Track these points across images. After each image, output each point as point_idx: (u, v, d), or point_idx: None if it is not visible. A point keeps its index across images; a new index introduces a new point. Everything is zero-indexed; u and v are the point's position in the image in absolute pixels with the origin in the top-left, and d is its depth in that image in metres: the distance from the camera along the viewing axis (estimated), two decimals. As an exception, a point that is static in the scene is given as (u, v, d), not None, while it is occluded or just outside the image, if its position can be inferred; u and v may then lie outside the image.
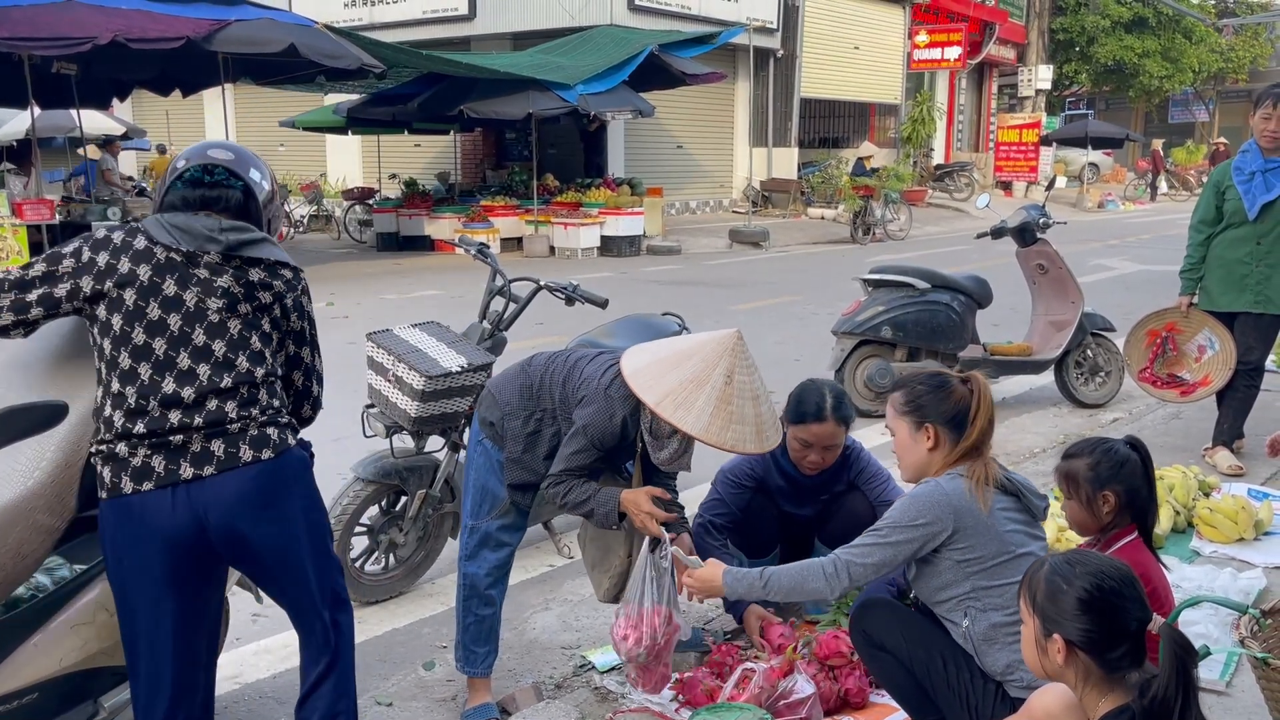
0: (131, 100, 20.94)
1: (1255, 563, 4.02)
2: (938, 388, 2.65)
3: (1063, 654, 2.00)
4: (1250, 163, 5.02)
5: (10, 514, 2.22)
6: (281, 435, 2.34)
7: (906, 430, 2.67)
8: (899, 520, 2.54)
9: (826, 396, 3.23)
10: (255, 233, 2.39)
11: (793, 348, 8.66)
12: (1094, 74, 34.27)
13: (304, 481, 2.41)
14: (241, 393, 2.29)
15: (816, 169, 23.28)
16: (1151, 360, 5.61)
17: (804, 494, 3.38)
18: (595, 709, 3.04)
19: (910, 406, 2.67)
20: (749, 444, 2.73)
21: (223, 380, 2.27)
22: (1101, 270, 13.72)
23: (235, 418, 2.27)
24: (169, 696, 2.30)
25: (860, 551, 2.56)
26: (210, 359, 2.27)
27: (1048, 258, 6.79)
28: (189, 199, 2.37)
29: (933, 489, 2.56)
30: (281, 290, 2.39)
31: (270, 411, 2.34)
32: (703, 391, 2.68)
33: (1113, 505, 2.73)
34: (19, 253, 10.97)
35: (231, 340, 2.30)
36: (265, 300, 2.36)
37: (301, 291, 2.46)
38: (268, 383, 2.35)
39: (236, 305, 2.31)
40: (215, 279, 2.30)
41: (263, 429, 2.31)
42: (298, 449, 2.41)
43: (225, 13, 11.46)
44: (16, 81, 11.77)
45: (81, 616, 2.32)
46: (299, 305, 2.44)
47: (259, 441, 2.29)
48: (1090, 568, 2.02)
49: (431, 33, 19.86)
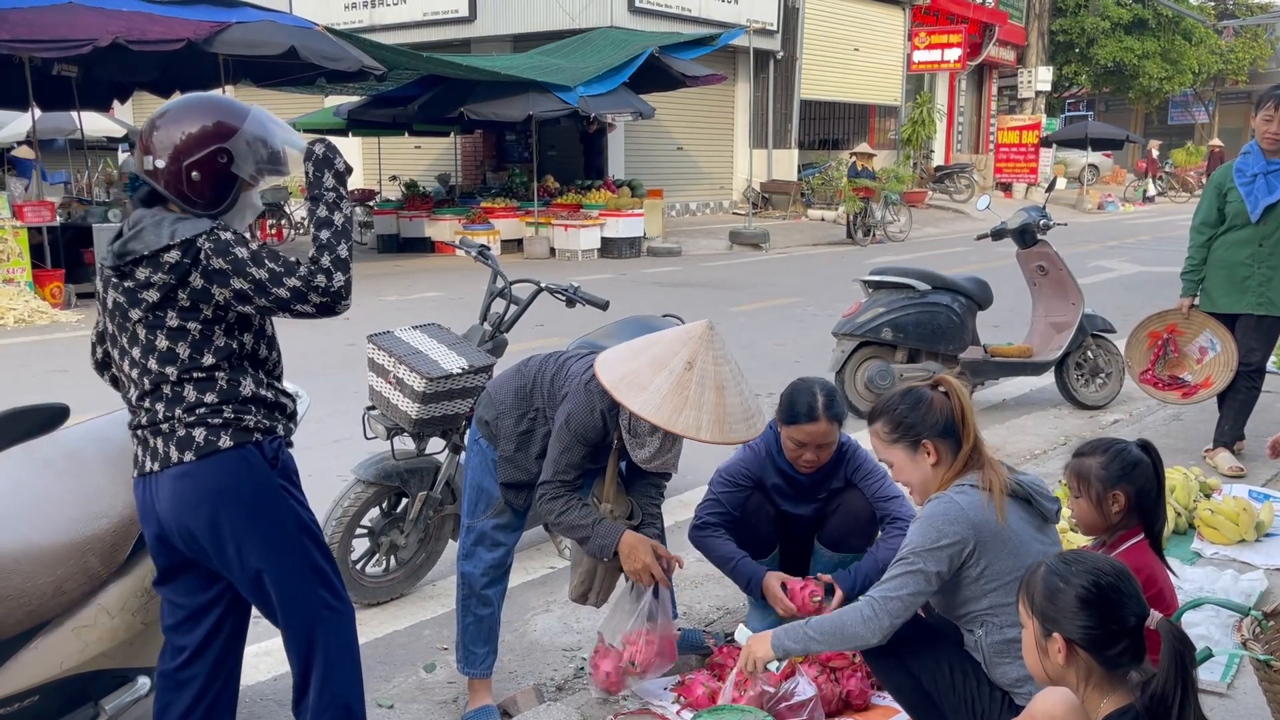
0: (132, 102, 20.95)
1: (1256, 564, 4.02)
2: (917, 403, 2.58)
3: (1063, 653, 2.00)
4: (1252, 165, 5.02)
5: (66, 550, 2.30)
6: (210, 436, 2.28)
7: (903, 455, 2.59)
8: (921, 545, 2.44)
9: (818, 395, 3.23)
10: (144, 224, 2.29)
11: (792, 349, 8.66)
12: (1094, 75, 34.29)
13: (242, 483, 2.32)
14: (164, 392, 2.30)
15: (816, 170, 23.28)
16: (1153, 362, 5.61)
17: (802, 492, 3.38)
18: (596, 711, 3.04)
19: (899, 431, 2.58)
20: (703, 432, 2.68)
21: (144, 383, 2.32)
22: (1101, 272, 13.72)
23: (163, 418, 2.30)
24: (160, 687, 2.40)
25: (892, 586, 2.45)
26: (133, 364, 2.34)
27: (1048, 259, 6.79)
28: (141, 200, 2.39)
29: (947, 505, 2.46)
30: (169, 281, 2.24)
31: (200, 410, 2.29)
32: (660, 375, 2.68)
33: (1122, 505, 2.72)
34: (19, 255, 10.96)
35: (141, 344, 2.31)
36: (152, 299, 2.26)
37: (207, 258, 2.24)
38: (193, 379, 2.30)
39: (128, 311, 2.30)
40: (116, 290, 2.33)
41: (189, 429, 2.29)
42: (239, 449, 2.31)
43: (226, 15, 11.47)
44: (17, 84, 11.77)
45: (84, 619, 2.32)
46: (213, 274, 2.25)
47: (183, 443, 2.29)
48: (1086, 565, 2.03)
49: (432, 35, 19.87)
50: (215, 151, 2.29)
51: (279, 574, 2.37)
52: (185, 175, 2.29)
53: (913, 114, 25.53)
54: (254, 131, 2.33)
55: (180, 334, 2.29)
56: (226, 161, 2.31)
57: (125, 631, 2.39)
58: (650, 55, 15.61)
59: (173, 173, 2.29)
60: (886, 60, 25.82)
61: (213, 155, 2.29)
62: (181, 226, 2.26)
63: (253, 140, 2.33)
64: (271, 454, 2.37)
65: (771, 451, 3.35)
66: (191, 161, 2.28)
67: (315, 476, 5.23)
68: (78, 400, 3.14)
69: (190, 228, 2.26)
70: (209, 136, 2.29)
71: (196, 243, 2.25)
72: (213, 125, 2.30)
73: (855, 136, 25.45)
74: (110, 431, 2.67)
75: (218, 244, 2.25)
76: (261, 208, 2.74)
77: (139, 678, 2.50)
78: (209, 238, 2.25)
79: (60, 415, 2.77)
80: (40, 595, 2.24)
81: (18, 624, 2.21)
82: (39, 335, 9.79)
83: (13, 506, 2.37)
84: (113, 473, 2.50)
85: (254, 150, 2.34)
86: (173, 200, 2.32)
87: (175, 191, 2.31)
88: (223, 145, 2.30)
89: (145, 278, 2.26)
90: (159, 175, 2.31)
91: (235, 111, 2.35)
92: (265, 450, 2.36)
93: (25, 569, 2.23)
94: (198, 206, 2.32)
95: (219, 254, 2.25)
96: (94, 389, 2.87)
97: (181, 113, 2.34)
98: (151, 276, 2.26)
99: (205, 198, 2.32)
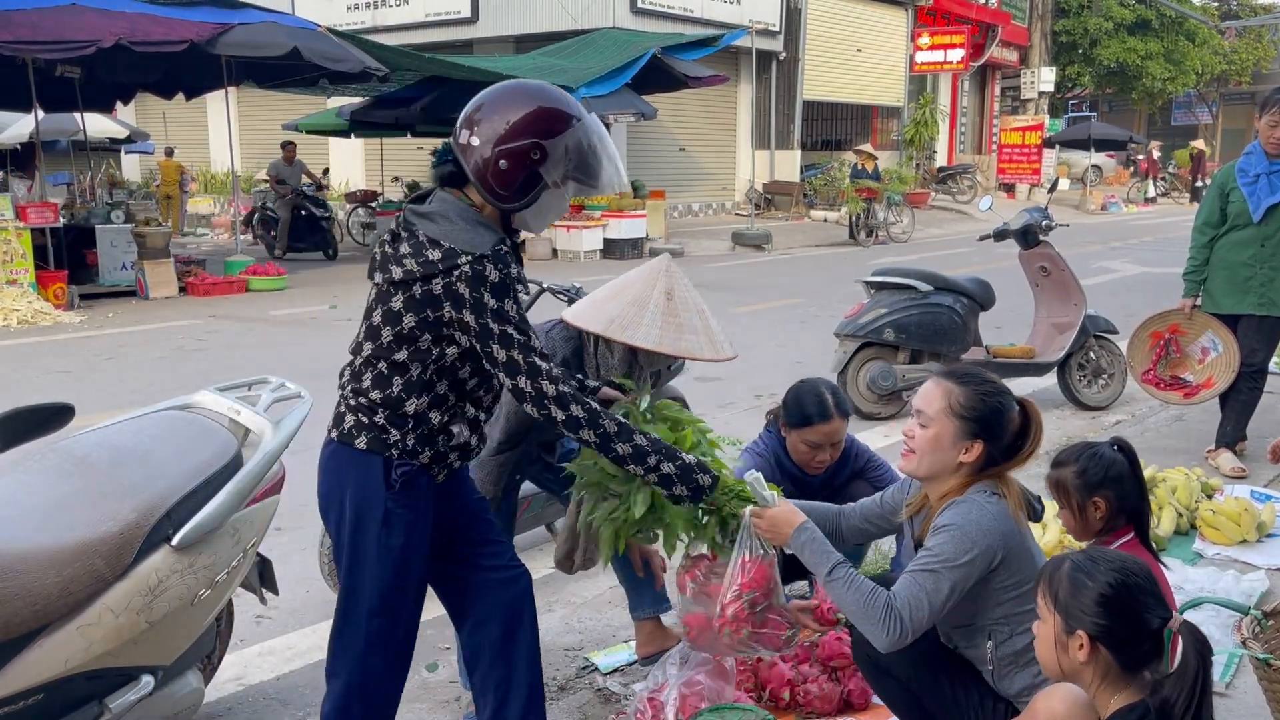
0: (135, 104, 20.99)
1: (1258, 565, 4.03)
2: (1001, 410, 2.44)
3: (1085, 652, 1.97)
4: (1255, 165, 5.02)
5: (73, 552, 2.31)
6: (354, 428, 2.33)
7: (951, 432, 2.41)
8: (953, 556, 2.30)
9: (825, 395, 3.24)
10: (441, 210, 2.27)
11: (794, 350, 8.67)
12: (1097, 76, 34.25)
13: (352, 486, 2.33)
14: (354, 361, 2.37)
15: (819, 171, 23.28)
16: (1155, 362, 5.61)
17: (809, 493, 3.38)
18: (598, 711, 3.05)
19: (969, 414, 2.41)
20: (705, 351, 2.78)
21: (356, 339, 2.38)
22: (1104, 273, 13.72)
23: (341, 384, 2.40)
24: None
25: (917, 594, 2.29)
26: (366, 314, 2.39)
27: (1050, 260, 6.79)
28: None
29: (979, 514, 2.35)
30: (415, 271, 2.25)
31: (361, 400, 2.34)
32: (646, 310, 2.76)
33: (1104, 511, 2.73)
34: (23, 255, 10.98)
35: (370, 302, 2.37)
36: (396, 275, 2.27)
37: (459, 278, 2.21)
38: (376, 369, 2.31)
39: (376, 271, 2.35)
40: (391, 245, 2.34)
41: (347, 411, 2.36)
42: (366, 454, 2.29)
43: (228, 16, 11.48)
44: (20, 85, 11.79)
45: (88, 618, 2.33)
46: (454, 294, 2.22)
47: (338, 419, 2.37)
48: (1114, 564, 2.00)
49: (434, 36, 19.89)
50: (531, 146, 2.21)
51: (344, 585, 2.40)
52: (494, 161, 2.22)
53: (915, 115, 25.54)
54: (577, 140, 2.25)
55: (395, 319, 2.25)
56: (539, 158, 2.22)
57: (129, 630, 2.40)
58: (653, 56, 15.61)
59: (484, 155, 2.22)
60: (889, 61, 25.80)
61: (527, 149, 2.21)
62: (462, 233, 2.21)
63: (573, 148, 2.25)
64: (398, 477, 2.29)
65: (779, 456, 3.36)
66: (504, 150, 2.21)
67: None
68: (80, 401, 3.15)
69: (468, 240, 2.20)
70: (530, 129, 2.21)
71: (458, 260, 2.19)
72: (538, 120, 2.22)
73: (858, 137, 25.46)
74: (119, 439, 2.68)
75: (475, 275, 2.18)
76: (567, 210, 2.67)
77: (143, 676, 2.50)
78: (474, 263, 2.18)
79: (64, 414, 2.79)
80: (47, 595, 2.25)
81: (23, 623, 2.22)
82: (42, 336, 9.81)
83: (22, 509, 2.39)
84: (119, 478, 2.52)
85: (569, 158, 2.25)
86: (474, 184, 2.26)
87: (478, 174, 2.24)
88: (539, 142, 2.21)
89: (404, 251, 2.24)
90: (469, 153, 2.24)
91: (567, 114, 2.26)
92: (391, 469, 2.29)
93: (32, 569, 2.25)
94: (496, 196, 2.26)
95: (468, 282, 2.18)
96: (96, 390, 2.88)
97: (514, 97, 2.27)
98: (405, 254, 2.23)
99: (506, 189, 2.24)
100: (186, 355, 8.72)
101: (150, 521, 2.45)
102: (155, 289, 12.03)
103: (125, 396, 6.71)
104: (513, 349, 2.21)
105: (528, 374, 2.22)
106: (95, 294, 11.95)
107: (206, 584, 2.59)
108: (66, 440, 2.65)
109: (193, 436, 2.76)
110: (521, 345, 2.21)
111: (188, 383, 3.52)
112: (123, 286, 12.19)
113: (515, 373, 2.22)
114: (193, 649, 2.69)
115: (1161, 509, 4.36)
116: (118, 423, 2.78)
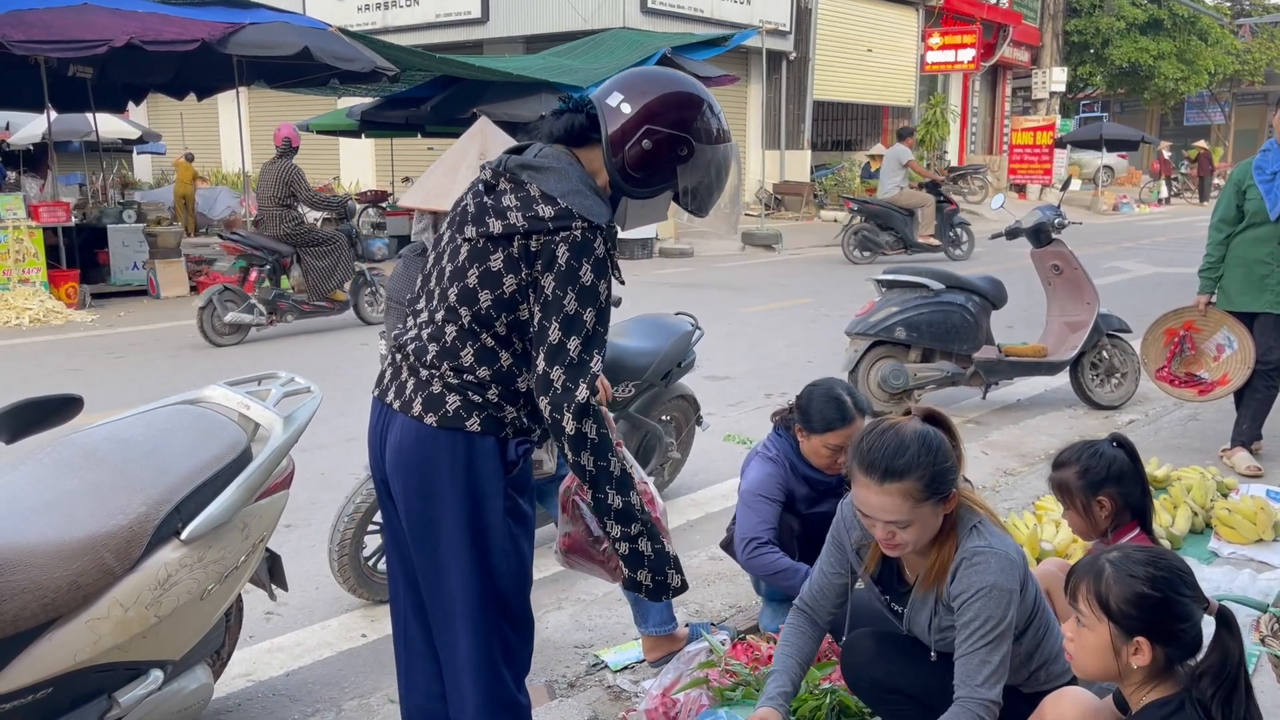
0: (146, 104, 21.07)
1: (1274, 564, 3.99)
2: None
3: (1145, 656, 1.93)
4: (1272, 162, 4.99)
5: (83, 545, 2.32)
6: (462, 410, 2.11)
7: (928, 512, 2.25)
8: (1003, 615, 2.21)
9: (844, 397, 3.21)
10: (554, 165, 2.10)
11: (805, 350, 8.64)
12: (1109, 76, 34.11)
13: (464, 469, 2.11)
14: (446, 334, 2.16)
15: (829, 171, 23.24)
16: (1169, 359, 5.57)
17: (825, 493, 3.36)
18: (608, 708, 3.03)
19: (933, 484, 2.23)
20: (412, 198, 2.75)
21: (433, 311, 2.21)
22: (1117, 273, 13.65)
23: (429, 363, 2.17)
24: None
25: (986, 674, 2.20)
26: (438, 280, 2.24)
27: (1063, 258, 6.75)
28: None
29: (1008, 566, 2.24)
30: (519, 225, 2.07)
31: (467, 378, 2.11)
32: (458, 174, 2.67)
33: (1109, 509, 2.71)
34: (35, 255, 11.03)
35: (456, 265, 2.17)
36: (495, 228, 2.09)
37: (564, 239, 2.03)
38: (480, 342, 2.11)
39: (464, 227, 2.17)
40: (477, 196, 2.19)
41: (445, 391, 2.12)
42: (481, 437, 2.09)
43: (239, 16, 11.52)
44: (33, 85, 11.85)
45: (97, 612, 2.32)
46: (551, 255, 2.04)
47: (432, 402, 2.13)
48: (1160, 565, 1.95)
49: (444, 36, 19.93)
50: (683, 140, 2.09)
51: (466, 578, 2.13)
52: (638, 137, 2.06)
53: (926, 115, 25.46)
54: (723, 158, 2.15)
55: (493, 281, 2.05)
56: (684, 155, 2.10)
57: (138, 624, 2.40)
58: (663, 56, 15.59)
59: (628, 126, 2.06)
60: (900, 61, 25.75)
61: (678, 140, 2.08)
62: (582, 197, 2.02)
63: (715, 164, 2.14)
64: (515, 456, 2.12)
65: (793, 461, 3.33)
66: (656, 131, 2.06)
67: (328, 474, 5.26)
68: (91, 399, 3.15)
69: (586, 205, 2.02)
70: (688, 124, 2.10)
71: (572, 224, 1.99)
72: (702, 119, 2.12)
73: (868, 137, 25.40)
74: (128, 433, 2.68)
75: (583, 244, 1.99)
76: (662, 221, 2.46)
77: (152, 670, 2.50)
78: (588, 231, 2.00)
79: (72, 405, 2.79)
80: (56, 589, 2.25)
81: (33, 617, 2.22)
82: (54, 335, 9.85)
83: (33, 504, 2.39)
84: (129, 472, 2.52)
85: (708, 171, 2.13)
86: (605, 150, 2.07)
87: (616, 141, 2.06)
88: (692, 140, 2.10)
89: (507, 204, 2.03)
90: (615, 117, 2.07)
91: (725, 130, 2.17)
92: (509, 450, 2.12)
93: (42, 563, 2.25)
94: (622, 172, 2.08)
95: (572, 248, 1.99)
96: (106, 387, 2.88)
97: (683, 86, 2.15)
98: (511, 207, 2.02)
99: (638, 170, 2.08)
100: (197, 353, 8.75)
101: (159, 515, 2.44)
102: (166, 288, 12.08)
103: (136, 394, 6.71)
104: (574, 335, 2.00)
105: (567, 369, 2.00)
106: (107, 293, 12.00)
107: (216, 579, 2.58)
108: (75, 434, 2.65)
109: (202, 431, 2.75)
110: (587, 338, 2.01)
111: (198, 381, 3.52)
112: (134, 286, 12.24)
113: (556, 361, 2.00)
114: (202, 644, 2.68)
115: (1177, 507, 4.33)
116: (127, 417, 2.78)
